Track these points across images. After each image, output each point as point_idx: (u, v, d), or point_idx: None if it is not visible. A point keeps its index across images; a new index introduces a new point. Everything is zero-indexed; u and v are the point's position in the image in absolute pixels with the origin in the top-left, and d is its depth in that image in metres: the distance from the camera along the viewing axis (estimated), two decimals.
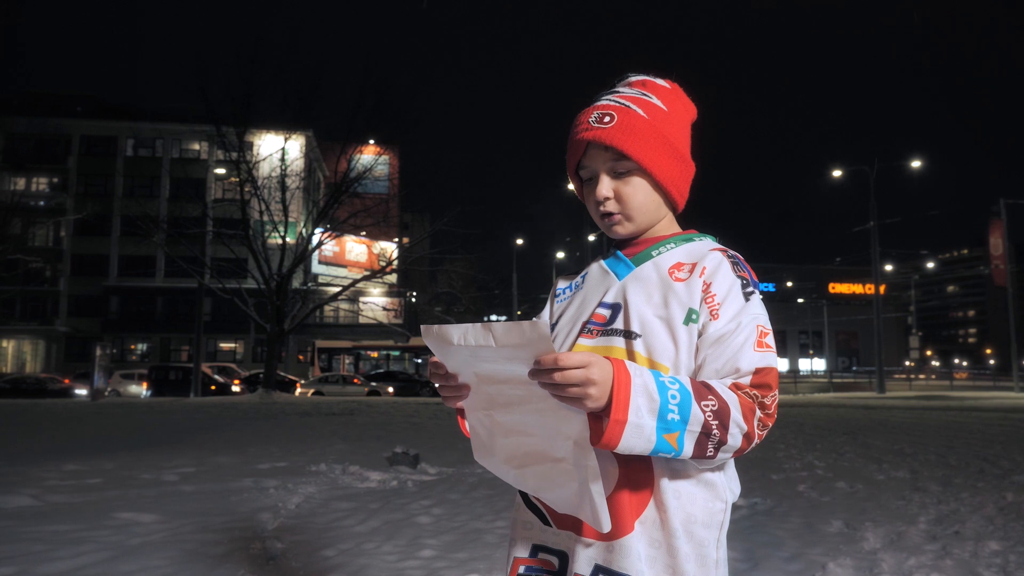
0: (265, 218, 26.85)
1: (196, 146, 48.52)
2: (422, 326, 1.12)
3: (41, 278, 46.88)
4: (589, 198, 1.28)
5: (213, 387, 28.74)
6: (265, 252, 26.20)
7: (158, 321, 47.94)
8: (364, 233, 38.30)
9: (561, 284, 1.40)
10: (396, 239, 44.67)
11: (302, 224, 28.79)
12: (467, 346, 1.05)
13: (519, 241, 46.47)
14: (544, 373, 0.98)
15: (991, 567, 3.58)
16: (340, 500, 5.33)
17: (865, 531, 4.28)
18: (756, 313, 1.15)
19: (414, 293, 55.81)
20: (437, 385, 1.17)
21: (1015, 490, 5.62)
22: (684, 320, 1.15)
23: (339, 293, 29.42)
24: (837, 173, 31.82)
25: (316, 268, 47.77)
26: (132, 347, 49.07)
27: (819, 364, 73.35)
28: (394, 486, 6.00)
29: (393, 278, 48.75)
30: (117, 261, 48.45)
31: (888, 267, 52.70)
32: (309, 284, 34.90)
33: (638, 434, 1.00)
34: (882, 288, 32.66)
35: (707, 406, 1.03)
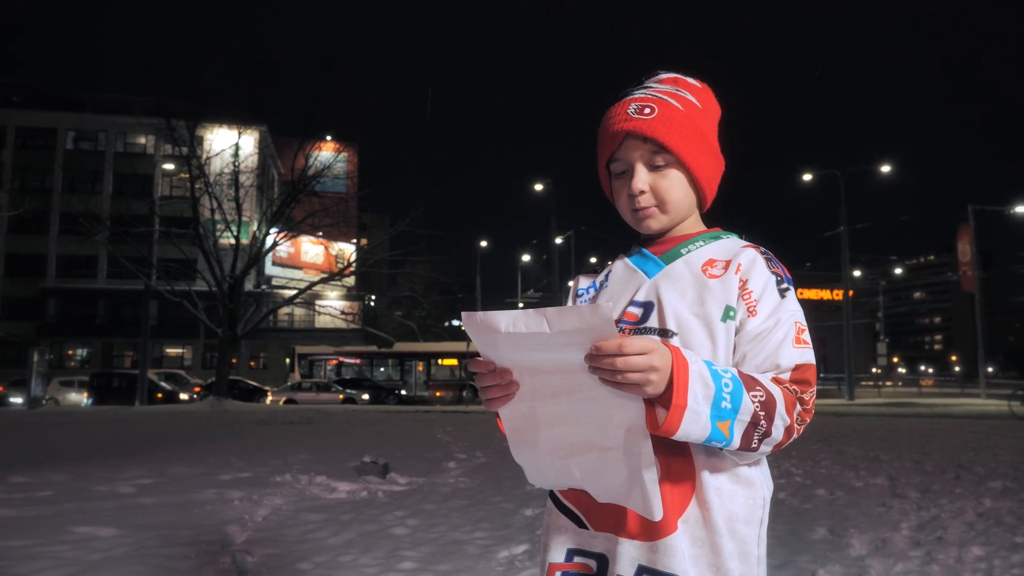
0: (217, 217, 26.43)
1: (142, 140, 47.63)
2: (463, 313, 1.08)
3: None
4: (621, 191, 1.29)
5: (160, 395, 28.15)
6: (217, 253, 25.79)
7: (100, 325, 46.86)
8: (321, 234, 37.99)
9: (583, 283, 1.41)
10: (354, 240, 44.34)
11: (256, 224, 28.43)
12: (516, 333, 1.03)
13: (483, 243, 46.46)
14: (603, 359, 0.99)
15: (977, 572, 3.71)
16: (309, 511, 5.28)
17: (850, 538, 4.39)
18: (793, 310, 1.20)
19: (373, 296, 55.40)
20: (482, 385, 1.13)
21: (992, 496, 5.81)
22: (722, 317, 1.18)
23: (295, 296, 29.10)
24: (807, 177, 32.47)
25: (270, 270, 47.21)
26: (71, 352, 47.91)
27: None
28: (364, 496, 5.97)
29: (351, 281, 48.39)
30: (55, 261, 47.24)
31: (856, 273, 53.94)
32: (263, 287, 34.48)
33: (695, 420, 1.03)
34: (850, 294, 33.37)
35: (756, 397, 1.07)
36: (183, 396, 29.09)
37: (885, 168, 31.92)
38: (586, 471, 1.14)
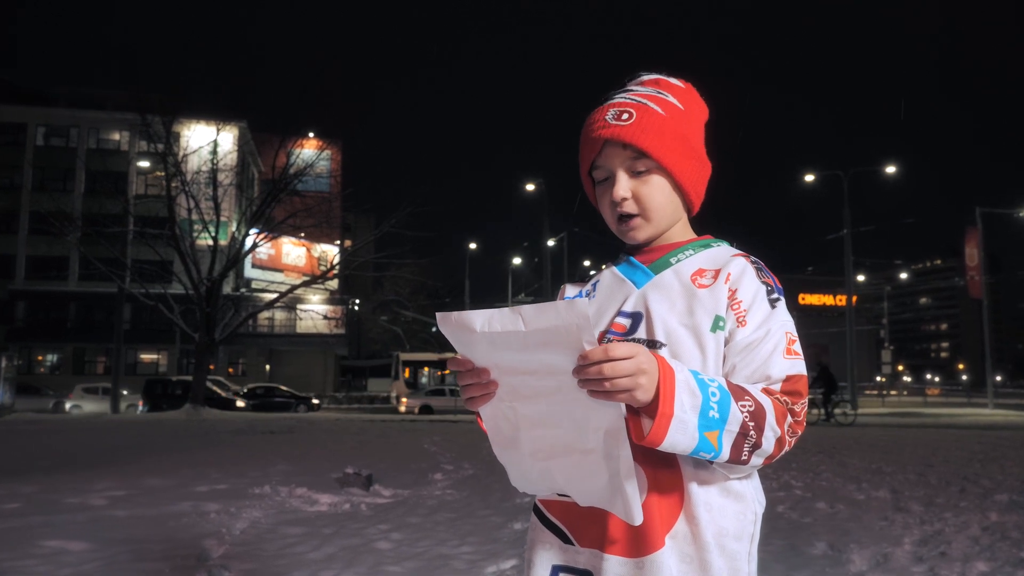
0: (194, 217, 26.35)
1: (116, 136, 47.36)
2: (438, 314, 1.09)
3: None
4: (604, 199, 1.31)
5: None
6: (194, 254, 25.72)
7: (71, 329, 46.46)
8: (303, 235, 38.04)
9: (570, 292, 1.42)
10: (338, 242, 44.28)
11: (235, 224, 28.37)
12: (491, 333, 1.04)
13: (472, 246, 46.47)
14: (590, 366, 0.99)
15: None
16: (290, 525, 5.28)
17: (851, 553, 4.42)
18: (783, 320, 1.21)
19: (357, 300, 55.32)
20: (461, 384, 1.14)
21: (998, 510, 5.86)
22: (711, 327, 1.20)
23: (276, 300, 29.07)
24: (810, 178, 32.61)
25: (249, 272, 47.06)
26: (40, 358, 47.54)
27: None
28: (347, 509, 5.97)
29: (334, 284, 48.30)
30: (24, 262, 46.85)
31: (860, 278, 54.23)
32: (242, 290, 34.40)
33: (683, 430, 1.04)
34: (854, 299, 33.54)
35: (744, 406, 1.09)
36: (240, 404, 29.00)
37: (890, 169, 32.08)
38: (567, 474, 1.15)
